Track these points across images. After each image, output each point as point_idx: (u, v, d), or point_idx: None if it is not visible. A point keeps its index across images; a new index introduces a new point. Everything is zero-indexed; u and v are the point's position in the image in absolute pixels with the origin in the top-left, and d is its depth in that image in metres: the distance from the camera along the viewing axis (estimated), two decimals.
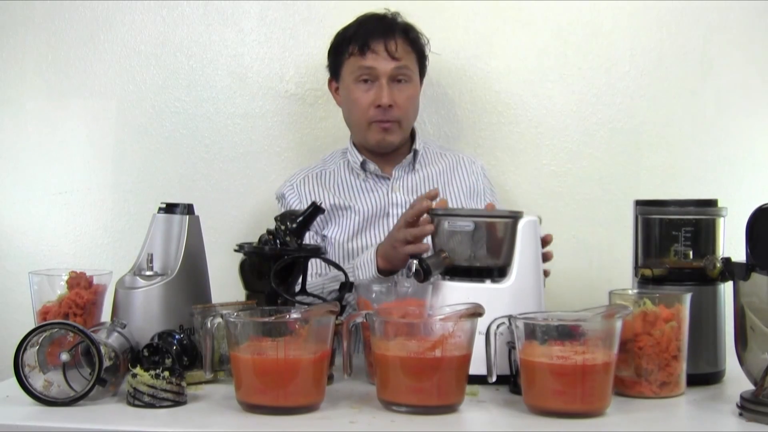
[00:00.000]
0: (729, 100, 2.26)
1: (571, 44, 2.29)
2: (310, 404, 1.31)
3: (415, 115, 2.10)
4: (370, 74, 2.00)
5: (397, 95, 2.00)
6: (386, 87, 1.99)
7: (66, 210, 2.41)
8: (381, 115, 2.00)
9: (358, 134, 2.08)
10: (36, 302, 1.59)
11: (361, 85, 2.02)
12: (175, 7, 2.38)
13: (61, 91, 2.40)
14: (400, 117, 2.02)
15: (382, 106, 1.99)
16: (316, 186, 2.08)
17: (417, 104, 2.09)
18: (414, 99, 2.06)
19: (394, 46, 2.00)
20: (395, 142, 2.04)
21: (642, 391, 1.40)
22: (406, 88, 2.02)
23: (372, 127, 2.02)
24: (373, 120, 2.01)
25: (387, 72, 1.99)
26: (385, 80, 1.99)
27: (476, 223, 1.56)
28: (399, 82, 2.01)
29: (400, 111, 2.01)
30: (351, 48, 2.02)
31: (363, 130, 2.04)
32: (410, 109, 2.05)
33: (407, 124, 2.06)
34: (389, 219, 2.03)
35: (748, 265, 1.36)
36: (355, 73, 2.02)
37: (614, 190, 2.27)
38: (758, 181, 2.24)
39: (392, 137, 2.03)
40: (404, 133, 2.06)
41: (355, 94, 2.02)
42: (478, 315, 1.32)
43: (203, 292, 1.64)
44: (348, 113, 2.09)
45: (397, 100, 2.00)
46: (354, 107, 2.04)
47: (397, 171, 2.08)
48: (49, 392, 1.34)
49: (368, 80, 2.01)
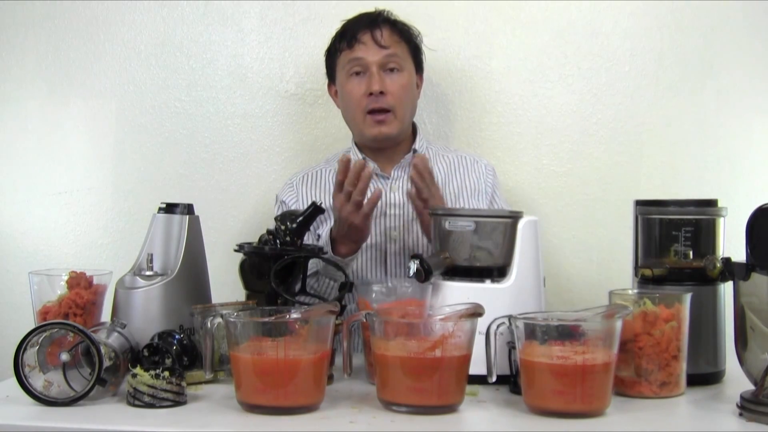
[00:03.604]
0: (729, 100, 2.26)
1: (571, 44, 2.29)
2: (310, 404, 1.31)
3: (411, 106, 2.06)
4: (360, 65, 2.00)
5: (389, 83, 1.99)
6: (377, 75, 1.98)
7: (66, 210, 2.41)
8: (374, 102, 1.98)
9: (355, 130, 2.07)
10: (36, 302, 1.59)
11: (353, 78, 2.01)
12: (175, 7, 2.38)
13: (62, 91, 2.40)
14: (393, 105, 1.99)
15: (374, 94, 1.97)
16: (313, 186, 2.07)
17: (413, 94, 2.06)
18: (407, 88, 2.03)
19: (381, 35, 1.99)
20: (392, 134, 2.01)
21: (642, 391, 1.40)
22: (398, 76, 2.01)
23: (367, 120, 2.00)
24: (367, 110, 1.99)
25: (376, 61, 1.99)
26: (375, 69, 1.98)
27: (476, 223, 1.56)
28: (391, 72, 2.00)
29: (393, 98, 1.99)
30: (341, 44, 2.02)
31: (359, 124, 2.02)
32: (404, 98, 2.02)
33: (403, 114, 2.02)
34: (386, 219, 2.01)
35: (748, 265, 1.36)
36: (346, 67, 2.01)
37: (614, 190, 2.27)
38: (758, 181, 2.23)
39: (388, 129, 2.00)
40: (401, 123, 2.02)
41: (348, 87, 2.02)
42: (478, 315, 1.32)
43: (203, 292, 1.64)
44: (344, 109, 2.07)
45: (389, 87, 1.98)
46: (348, 101, 2.03)
47: (395, 171, 2.06)
48: (49, 392, 1.34)
49: (360, 72, 2.00)
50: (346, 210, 1.75)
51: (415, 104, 2.09)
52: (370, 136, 2.02)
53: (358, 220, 1.76)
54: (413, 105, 2.08)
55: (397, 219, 2.01)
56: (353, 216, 1.75)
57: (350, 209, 1.75)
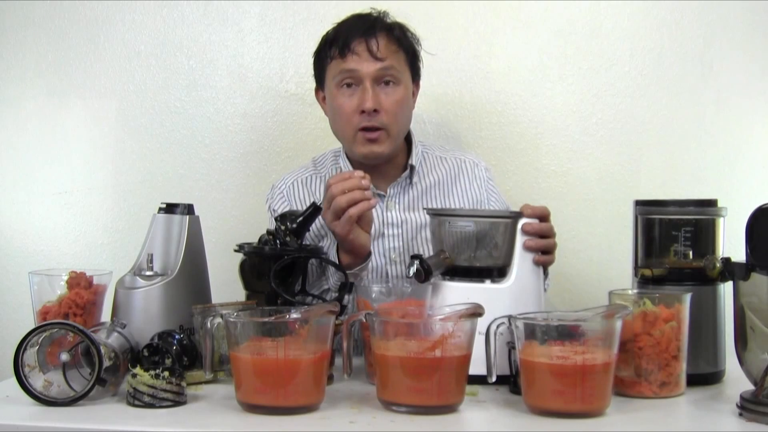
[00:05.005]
0: (729, 100, 2.26)
1: (571, 44, 2.29)
2: (310, 404, 1.31)
3: (406, 122, 1.92)
4: (352, 77, 1.84)
5: (384, 99, 1.83)
6: (370, 90, 1.82)
7: (66, 210, 2.41)
8: (366, 121, 1.83)
9: (345, 145, 1.93)
10: (36, 302, 1.59)
11: (344, 90, 1.85)
12: (175, 7, 2.38)
13: (62, 91, 2.40)
14: (387, 123, 1.84)
15: (367, 111, 1.82)
16: (307, 196, 1.96)
17: (408, 109, 1.92)
18: (403, 103, 1.87)
19: (376, 46, 1.83)
20: (384, 153, 1.87)
21: (642, 391, 1.40)
22: (394, 91, 1.85)
23: (358, 137, 1.85)
24: (358, 127, 1.84)
25: (370, 74, 1.83)
26: (368, 83, 1.82)
27: (476, 223, 1.56)
28: (386, 85, 1.85)
29: (387, 116, 1.83)
30: (332, 51, 1.86)
31: (349, 141, 1.87)
32: (399, 115, 1.86)
33: (397, 132, 1.87)
34: (385, 240, 1.91)
35: (748, 265, 1.36)
36: (337, 77, 1.85)
37: (614, 190, 2.27)
38: (758, 181, 2.23)
39: (380, 148, 1.85)
40: (394, 142, 1.88)
41: (338, 100, 1.86)
42: (478, 315, 1.32)
43: (203, 292, 1.64)
44: (333, 122, 1.92)
45: (383, 104, 1.83)
46: (338, 115, 1.87)
47: (392, 188, 1.94)
48: (49, 392, 1.34)
49: (351, 84, 1.84)
50: (327, 218, 1.66)
51: (410, 118, 1.94)
52: (360, 154, 1.87)
53: (339, 228, 1.65)
54: (408, 120, 1.93)
55: (396, 239, 1.92)
56: (334, 224, 1.65)
57: (330, 218, 1.65)
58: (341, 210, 1.62)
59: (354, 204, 1.62)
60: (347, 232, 1.65)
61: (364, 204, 1.63)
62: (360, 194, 1.62)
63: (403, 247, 1.92)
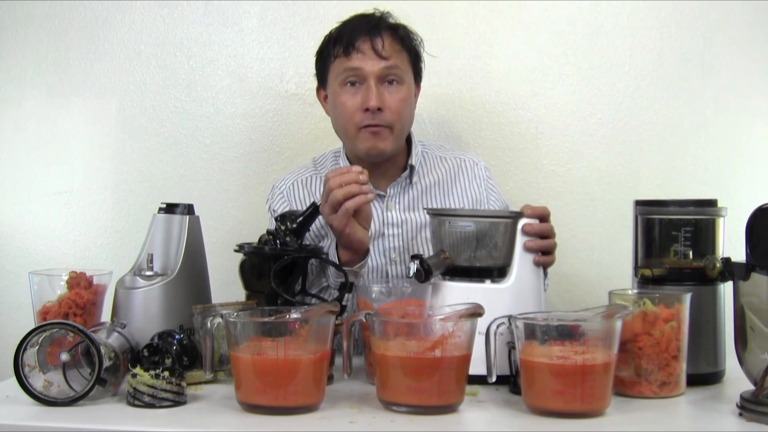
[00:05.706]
0: (729, 100, 2.26)
1: (571, 44, 2.29)
2: (310, 404, 1.31)
3: (409, 121, 1.92)
4: (356, 76, 1.84)
5: (388, 98, 1.84)
6: (374, 88, 1.82)
7: (66, 210, 2.41)
8: (370, 119, 1.83)
9: (347, 143, 1.93)
10: (36, 302, 1.59)
11: (347, 89, 1.85)
12: (175, 7, 2.38)
13: (61, 91, 2.40)
14: (391, 121, 1.84)
15: (371, 110, 1.82)
16: (307, 196, 1.96)
17: (411, 108, 1.92)
18: (407, 102, 1.88)
19: (381, 44, 1.84)
20: (387, 150, 1.87)
21: (642, 391, 1.40)
22: (398, 90, 1.86)
23: (361, 133, 1.85)
24: (361, 125, 1.84)
25: (375, 72, 1.83)
26: (373, 81, 1.83)
27: (476, 223, 1.56)
28: (390, 84, 1.85)
29: (391, 114, 1.84)
30: (335, 50, 1.86)
31: (352, 138, 1.87)
32: (403, 114, 1.87)
33: (400, 130, 1.88)
34: (385, 240, 1.91)
35: (748, 265, 1.36)
36: (341, 75, 1.85)
37: (614, 190, 2.27)
38: (758, 181, 2.23)
39: (383, 144, 1.85)
40: (397, 140, 1.88)
41: (342, 98, 1.86)
42: (478, 315, 1.32)
43: (203, 292, 1.64)
44: (335, 121, 1.92)
45: (387, 103, 1.83)
46: (341, 113, 1.87)
47: (392, 188, 1.94)
48: (49, 392, 1.34)
49: (355, 82, 1.85)
50: (325, 211, 1.66)
51: (412, 118, 1.95)
52: (364, 150, 1.87)
53: (336, 222, 1.65)
54: (410, 120, 1.93)
55: (396, 239, 1.92)
56: (331, 218, 1.65)
57: (328, 211, 1.65)
58: (338, 203, 1.63)
59: (351, 197, 1.63)
60: (344, 225, 1.65)
61: (361, 198, 1.64)
62: (357, 188, 1.63)
63: (403, 247, 1.92)
